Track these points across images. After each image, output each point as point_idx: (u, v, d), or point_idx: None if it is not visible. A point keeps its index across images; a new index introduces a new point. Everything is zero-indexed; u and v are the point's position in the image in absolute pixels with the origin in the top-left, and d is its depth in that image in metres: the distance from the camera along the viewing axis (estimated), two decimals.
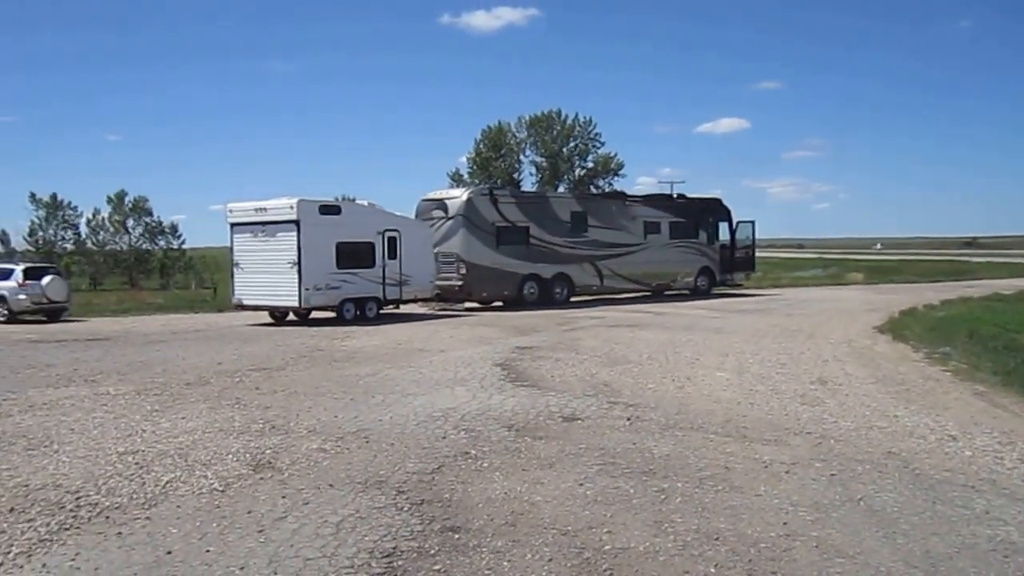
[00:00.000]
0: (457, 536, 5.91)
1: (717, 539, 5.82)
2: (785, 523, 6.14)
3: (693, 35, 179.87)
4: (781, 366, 13.76)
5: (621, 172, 69.29)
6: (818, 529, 6.02)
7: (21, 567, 5.47)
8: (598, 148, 69.25)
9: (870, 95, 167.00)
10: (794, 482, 7.18)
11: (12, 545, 5.84)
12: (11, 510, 6.62)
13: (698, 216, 33.14)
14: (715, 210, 34.18)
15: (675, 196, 35.63)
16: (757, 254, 37.17)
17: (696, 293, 32.44)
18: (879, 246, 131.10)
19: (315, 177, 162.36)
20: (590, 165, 69.46)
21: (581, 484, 7.12)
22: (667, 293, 32.09)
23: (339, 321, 22.98)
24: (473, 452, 8.22)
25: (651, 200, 33.33)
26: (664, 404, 10.61)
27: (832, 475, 7.37)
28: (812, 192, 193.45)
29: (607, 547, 5.69)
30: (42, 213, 63.05)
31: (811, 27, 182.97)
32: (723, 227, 33.99)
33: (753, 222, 35.32)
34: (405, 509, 6.49)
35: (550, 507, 6.54)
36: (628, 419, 9.69)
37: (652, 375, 12.94)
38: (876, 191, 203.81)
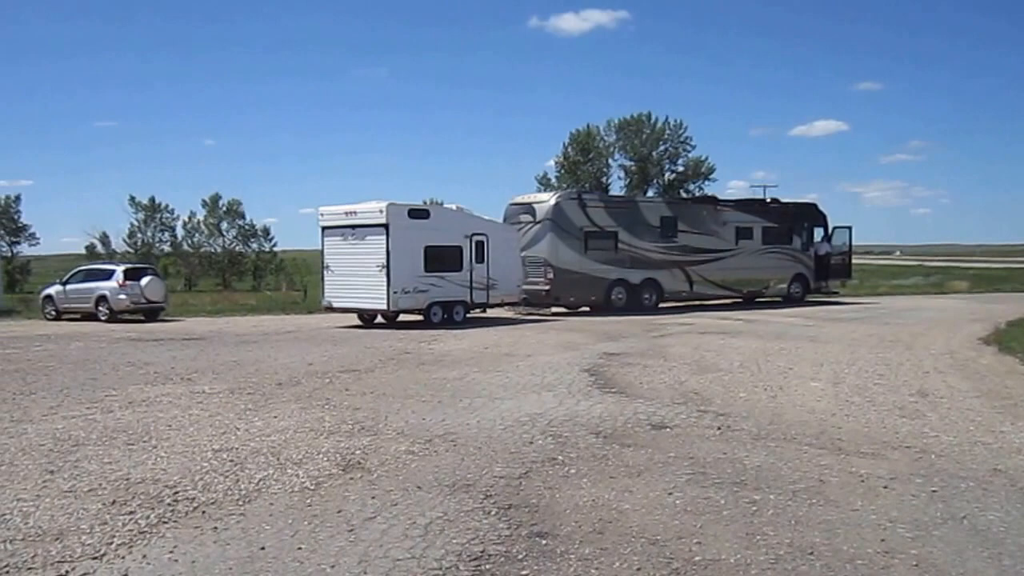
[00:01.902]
0: (545, 542, 5.87)
1: (811, 554, 5.66)
2: (883, 540, 5.94)
3: (789, 34, 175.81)
4: (879, 377, 13.38)
5: (712, 176, 68.66)
6: (918, 547, 5.80)
7: (123, 558, 5.62)
8: (689, 151, 68.72)
9: (975, 96, 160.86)
10: (892, 497, 6.95)
11: (114, 536, 6.02)
12: (113, 502, 6.82)
13: (792, 221, 32.39)
14: (810, 215, 33.35)
15: (768, 200, 34.97)
16: (853, 261, 36.17)
17: (789, 300, 31.70)
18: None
19: (403, 180, 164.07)
20: (680, 169, 68.95)
21: (670, 493, 7.02)
22: (759, 300, 31.48)
23: (426, 324, 23.16)
24: (560, 458, 8.18)
25: (743, 205, 32.75)
26: (756, 414, 10.41)
27: (933, 491, 7.11)
28: (912, 197, 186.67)
29: (697, 558, 5.59)
30: (141, 216, 65.26)
31: (912, 25, 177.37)
32: (818, 233, 33.18)
33: (850, 228, 34.32)
34: (492, 513, 6.49)
35: (638, 515, 6.46)
36: (718, 428, 9.53)
37: (743, 384, 12.71)
38: (982, 196, 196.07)
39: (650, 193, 63.35)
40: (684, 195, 60.27)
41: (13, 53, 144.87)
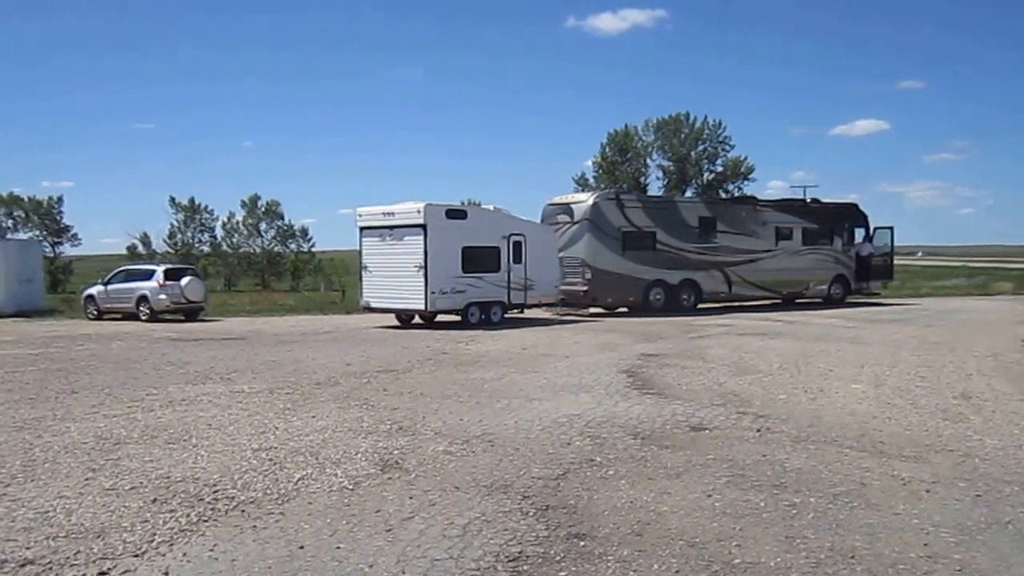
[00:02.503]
0: (583, 543, 5.85)
1: (852, 557, 5.59)
2: (926, 544, 5.85)
3: (829, 32, 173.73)
4: (921, 379, 13.19)
5: (751, 176, 68.14)
6: (962, 552, 5.71)
7: (164, 555, 5.68)
8: (727, 151, 68.21)
9: (1019, 95, 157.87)
10: (935, 501, 6.86)
11: (155, 534, 6.08)
12: (154, 500, 6.90)
13: (832, 222, 32.10)
14: (851, 216, 33.01)
15: (808, 201, 34.63)
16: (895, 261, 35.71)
17: (829, 302, 31.43)
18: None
19: (441, 181, 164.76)
20: (719, 169, 68.48)
21: (709, 495, 6.97)
22: (799, 301, 31.22)
23: (464, 325, 23.20)
24: (598, 459, 8.15)
25: (783, 205, 32.47)
26: (796, 416, 10.31)
27: (977, 495, 7.00)
28: (955, 197, 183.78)
29: (736, 561, 5.54)
30: (181, 216, 65.80)
31: (956, 23, 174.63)
32: (859, 233, 32.84)
33: (891, 228, 33.98)
34: (530, 514, 6.48)
35: (677, 518, 6.42)
36: (758, 430, 9.45)
37: (783, 385, 12.60)
38: None
39: (688, 193, 63.00)
40: (723, 195, 59.91)
41: (55, 56, 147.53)
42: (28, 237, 58.66)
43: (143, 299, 27.52)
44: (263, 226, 67.02)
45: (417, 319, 24.25)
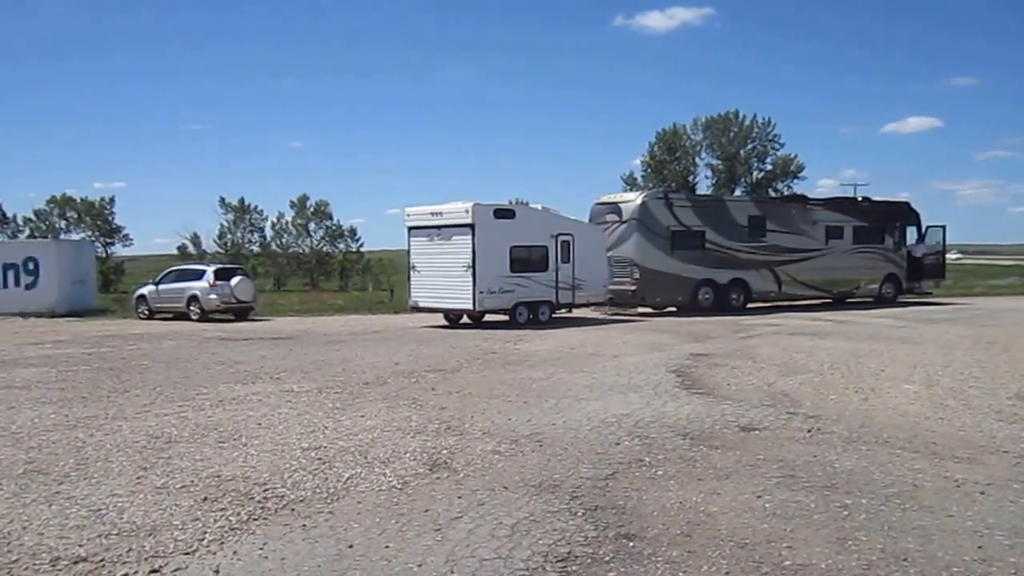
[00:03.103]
0: (632, 544, 5.83)
1: (905, 560, 5.51)
2: (980, 547, 5.74)
3: (880, 29, 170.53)
4: (974, 379, 12.95)
5: (801, 175, 67.50)
6: (1017, 555, 5.60)
7: (214, 553, 5.75)
8: (777, 150, 67.62)
9: None
10: (990, 504, 6.73)
11: (206, 532, 6.16)
12: (204, 499, 6.98)
13: (884, 221, 31.66)
14: (902, 214, 32.55)
15: (859, 199, 34.19)
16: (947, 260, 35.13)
17: (880, 301, 30.99)
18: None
19: (489, 180, 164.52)
20: (769, 167, 67.91)
21: (759, 496, 6.91)
22: (849, 301, 30.84)
23: (512, 324, 23.22)
24: (647, 459, 8.12)
25: (833, 204, 32.04)
26: (847, 416, 10.17)
27: None
28: (1009, 195, 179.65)
29: (787, 563, 5.48)
30: (230, 216, 66.75)
31: (1009, 20, 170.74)
32: (911, 232, 32.37)
33: (943, 227, 33.47)
34: (579, 514, 6.46)
35: (727, 519, 6.36)
36: (808, 431, 9.34)
37: (834, 385, 12.44)
38: None
39: (737, 192, 62.55)
40: (772, 194, 59.34)
41: (106, 56, 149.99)
42: (81, 238, 59.92)
43: (194, 299, 27.91)
44: (312, 226, 67.80)
45: (465, 319, 24.34)
